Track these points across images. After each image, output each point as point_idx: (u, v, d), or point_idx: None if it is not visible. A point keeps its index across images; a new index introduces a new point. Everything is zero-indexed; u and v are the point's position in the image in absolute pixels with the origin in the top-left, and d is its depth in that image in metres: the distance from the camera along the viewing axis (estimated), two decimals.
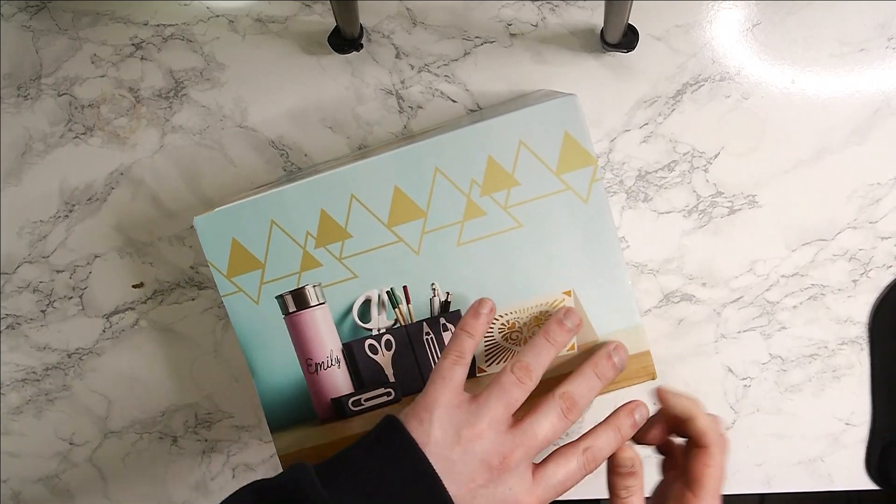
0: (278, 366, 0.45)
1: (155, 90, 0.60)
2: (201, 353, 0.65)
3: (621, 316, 0.43)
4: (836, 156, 0.58)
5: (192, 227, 0.62)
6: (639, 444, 0.44)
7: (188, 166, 0.61)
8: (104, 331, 0.65)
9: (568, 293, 0.43)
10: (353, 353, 0.45)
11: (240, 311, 0.45)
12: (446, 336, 0.44)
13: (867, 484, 0.64)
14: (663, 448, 0.46)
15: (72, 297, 0.64)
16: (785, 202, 0.60)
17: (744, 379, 0.63)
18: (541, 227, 0.43)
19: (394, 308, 0.44)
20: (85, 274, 0.63)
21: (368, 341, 0.45)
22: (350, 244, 0.44)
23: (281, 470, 0.42)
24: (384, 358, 0.45)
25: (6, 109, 0.61)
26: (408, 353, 0.44)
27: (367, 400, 0.45)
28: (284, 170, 0.61)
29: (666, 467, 0.47)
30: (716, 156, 0.59)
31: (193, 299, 0.64)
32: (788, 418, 0.63)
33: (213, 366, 0.65)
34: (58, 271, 0.63)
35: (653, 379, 0.43)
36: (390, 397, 0.44)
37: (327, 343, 0.45)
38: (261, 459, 0.67)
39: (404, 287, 0.44)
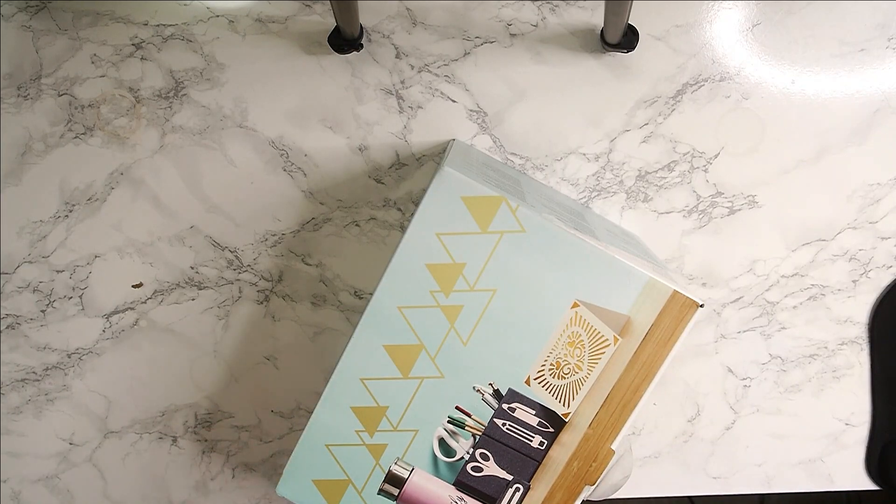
0: None
1: (155, 90, 0.60)
2: (201, 353, 0.65)
3: (630, 284, 0.44)
4: (836, 156, 0.59)
5: (192, 227, 0.62)
6: None
7: (188, 166, 0.61)
8: (104, 331, 0.65)
9: (576, 304, 0.45)
10: (466, 484, 0.48)
11: None
12: (520, 416, 0.47)
13: (867, 484, 0.64)
14: None
15: (72, 297, 0.64)
16: (785, 202, 0.60)
17: (744, 379, 0.63)
18: (511, 278, 0.45)
19: (463, 428, 0.47)
20: (85, 274, 0.63)
21: (469, 466, 0.48)
22: (391, 413, 0.48)
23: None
24: (491, 467, 0.48)
25: (6, 109, 0.61)
26: (504, 450, 0.47)
27: None
28: (284, 170, 0.61)
29: None
30: (716, 156, 0.59)
31: (193, 299, 0.64)
32: (788, 418, 0.63)
33: (213, 366, 0.65)
34: (58, 271, 0.63)
35: (701, 307, 0.44)
36: (521, 489, 0.47)
37: (442, 493, 0.48)
38: (260, 459, 0.67)
39: (457, 407, 0.47)
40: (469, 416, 0.47)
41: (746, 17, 0.57)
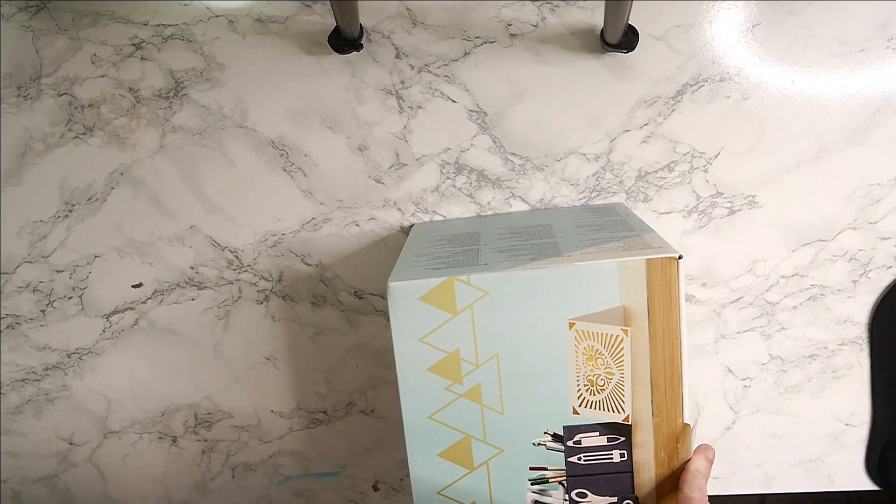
0: None
1: (155, 90, 0.60)
2: (201, 353, 0.65)
3: (606, 278, 0.45)
4: (836, 156, 0.58)
5: (192, 227, 0.62)
6: None
7: (188, 166, 0.61)
8: (104, 331, 0.65)
9: (572, 324, 0.45)
10: None
11: None
12: (588, 443, 0.47)
13: (867, 484, 0.64)
14: None
15: (72, 297, 0.64)
16: (785, 202, 0.60)
17: (744, 379, 0.63)
18: (502, 336, 0.45)
19: (547, 482, 0.47)
20: (85, 274, 0.63)
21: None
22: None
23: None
24: (593, 500, 0.48)
25: (6, 109, 0.61)
26: (595, 479, 0.47)
27: None
28: (284, 170, 0.61)
29: None
30: (716, 156, 0.59)
31: (193, 299, 0.64)
32: (788, 418, 0.63)
33: (213, 366, 0.65)
34: (58, 271, 0.63)
35: (680, 259, 0.44)
36: (633, 503, 0.47)
37: None
38: (260, 459, 0.67)
39: (531, 468, 0.48)
40: (545, 469, 0.47)
41: (746, 17, 0.57)
